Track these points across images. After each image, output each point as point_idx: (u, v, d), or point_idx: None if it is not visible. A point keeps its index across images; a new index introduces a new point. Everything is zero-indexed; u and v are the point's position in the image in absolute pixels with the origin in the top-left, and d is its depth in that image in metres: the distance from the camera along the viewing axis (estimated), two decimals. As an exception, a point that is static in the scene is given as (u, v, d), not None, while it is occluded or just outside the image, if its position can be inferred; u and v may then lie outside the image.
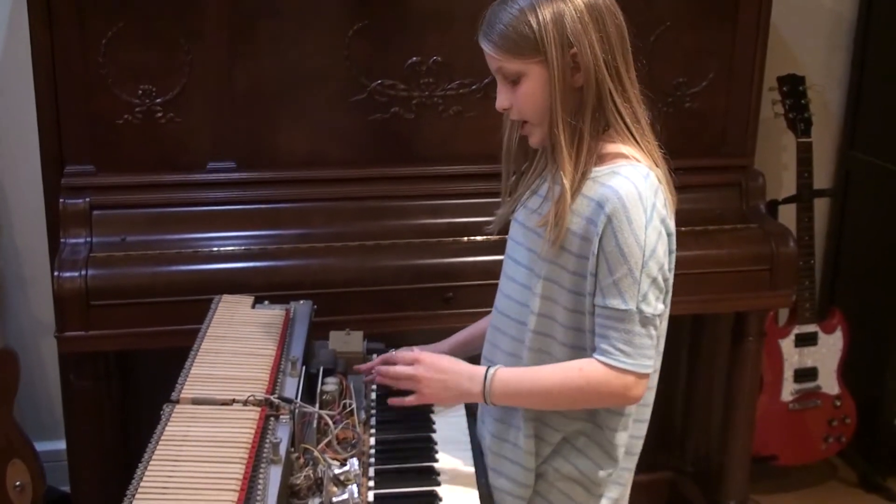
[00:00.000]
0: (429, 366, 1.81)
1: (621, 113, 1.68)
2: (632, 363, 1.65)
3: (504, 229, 1.91)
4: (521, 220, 1.83)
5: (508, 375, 1.75)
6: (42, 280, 2.83)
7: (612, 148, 1.70)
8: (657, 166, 1.71)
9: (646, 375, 1.69)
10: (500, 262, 1.89)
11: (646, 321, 1.65)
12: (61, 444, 2.70)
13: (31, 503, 2.76)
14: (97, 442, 2.54)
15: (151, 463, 1.48)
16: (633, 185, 1.64)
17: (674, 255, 1.72)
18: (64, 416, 2.68)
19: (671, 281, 1.73)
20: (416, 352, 1.86)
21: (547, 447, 1.80)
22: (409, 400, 1.83)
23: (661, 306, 1.68)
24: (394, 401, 1.86)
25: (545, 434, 1.79)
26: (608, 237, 1.63)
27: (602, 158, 1.69)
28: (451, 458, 1.86)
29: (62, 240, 2.49)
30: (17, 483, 2.72)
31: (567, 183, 1.66)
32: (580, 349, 1.72)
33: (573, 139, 1.66)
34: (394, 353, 1.93)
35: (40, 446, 2.82)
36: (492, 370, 1.76)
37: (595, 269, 1.66)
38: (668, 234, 1.69)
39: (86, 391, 2.51)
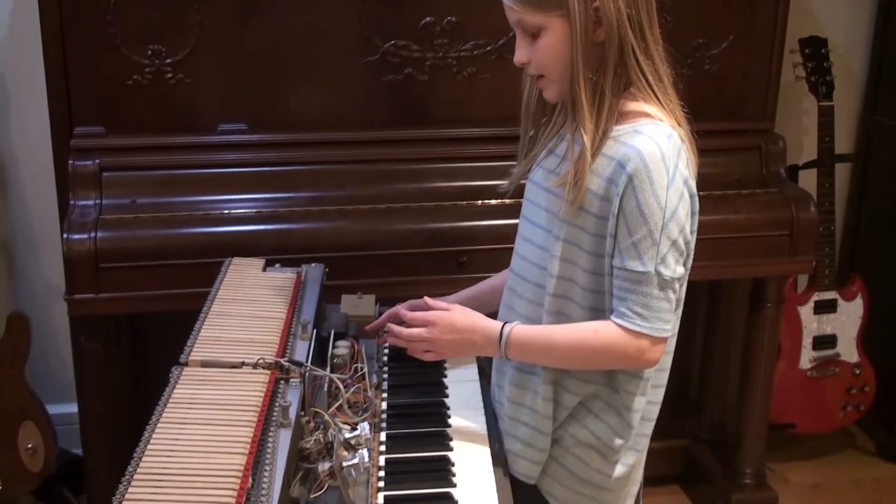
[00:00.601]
0: (443, 327, 1.79)
1: (644, 70, 1.64)
2: (648, 326, 1.63)
3: (518, 192, 1.88)
4: (537, 180, 1.79)
5: (524, 334, 1.74)
6: (53, 243, 2.83)
7: (633, 106, 1.66)
8: (680, 126, 1.67)
9: (662, 339, 1.66)
10: (516, 225, 1.86)
11: (664, 284, 1.62)
12: (73, 407, 2.70)
13: (43, 465, 2.78)
14: (108, 404, 2.54)
15: (159, 426, 1.46)
16: (656, 145, 1.60)
17: (696, 218, 1.69)
18: (75, 378, 2.69)
19: (693, 244, 1.69)
20: (430, 314, 1.83)
21: (564, 411, 1.78)
22: (427, 356, 1.84)
23: (680, 269, 1.64)
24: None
25: (562, 398, 1.77)
26: (628, 197, 1.60)
27: (623, 117, 1.65)
28: (464, 423, 1.84)
29: (71, 202, 2.48)
30: (29, 445, 2.74)
31: (587, 141, 1.62)
32: (600, 312, 1.70)
33: (594, 96, 1.63)
34: (400, 309, 1.92)
35: (52, 409, 2.83)
36: (507, 328, 1.74)
37: (615, 231, 1.63)
38: (691, 196, 1.66)
39: (96, 354, 2.51)
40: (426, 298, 1.92)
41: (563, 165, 1.70)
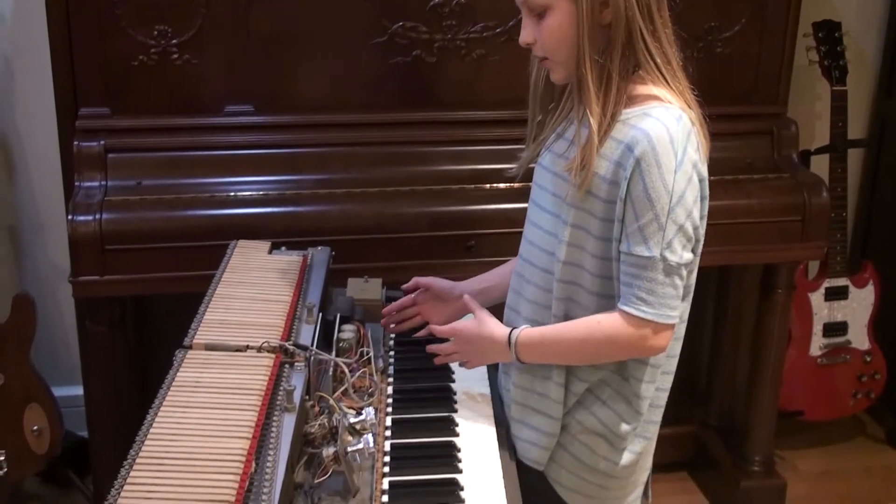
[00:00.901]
0: (461, 340, 1.83)
1: (652, 53, 1.62)
2: (653, 313, 1.61)
3: (527, 176, 1.86)
4: (546, 164, 1.78)
5: (531, 337, 1.73)
6: (58, 225, 2.82)
7: (642, 89, 1.64)
8: (690, 108, 1.65)
9: (668, 326, 1.64)
10: (524, 210, 1.84)
11: (670, 270, 1.60)
12: (79, 390, 2.69)
13: (48, 447, 2.78)
14: (113, 387, 2.54)
15: (162, 409, 1.46)
16: (665, 128, 1.58)
17: (706, 203, 1.67)
18: (81, 361, 2.68)
19: (702, 230, 1.68)
20: (448, 328, 1.84)
21: (572, 397, 1.76)
22: (469, 366, 1.88)
23: (687, 255, 1.63)
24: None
25: (572, 384, 1.75)
26: (636, 181, 1.58)
27: (632, 100, 1.63)
28: (471, 408, 1.83)
29: (76, 183, 2.47)
30: (35, 427, 2.75)
31: (594, 125, 1.60)
32: (608, 297, 1.68)
33: (601, 79, 1.60)
34: (412, 299, 1.94)
35: (58, 391, 2.82)
36: (514, 334, 1.74)
37: (622, 215, 1.61)
38: (700, 180, 1.64)
39: (101, 336, 2.50)
40: (427, 279, 1.94)
41: (571, 149, 1.68)
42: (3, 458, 2.72)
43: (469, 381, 1.92)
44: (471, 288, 1.97)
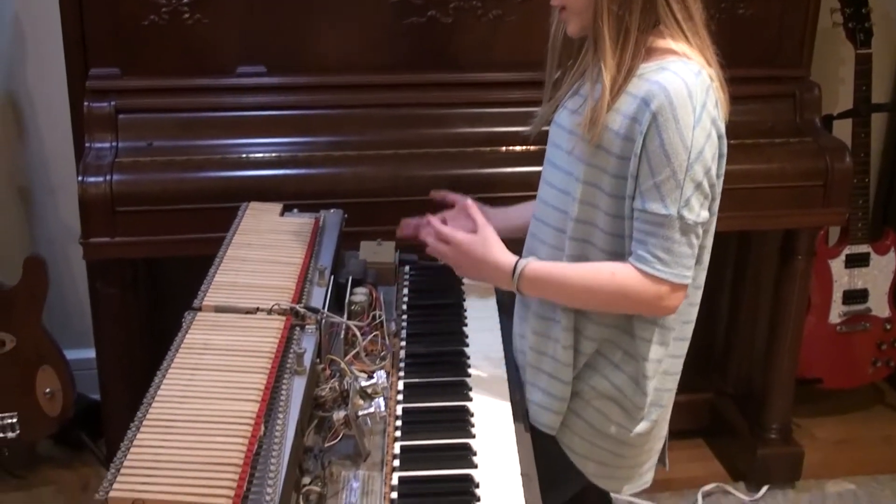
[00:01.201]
0: (463, 252, 1.79)
1: (672, 7, 1.59)
2: (668, 272, 1.58)
3: (544, 138, 1.83)
4: (560, 121, 1.75)
5: (538, 270, 1.71)
6: (70, 186, 2.78)
7: (661, 44, 1.61)
8: (709, 66, 1.61)
9: (681, 286, 1.62)
10: (540, 173, 1.83)
11: (686, 228, 1.57)
12: (91, 352, 2.68)
13: (61, 410, 2.80)
14: (125, 350, 2.54)
15: (170, 371, 1.45)
16: (683, 82, 1.55)
17: (724, 161, 1.64)
18: (93, 323, 2.67)
19: (719, 187, 1.65)
20: (455, 236, 1.81)
21: (582, 358, 1.75)
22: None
23: (704, 214, 1.60)
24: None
25: (581, 344, 1.74)
26: (652, 136, 1.55)
27: (650, 54, 1.60)
28: (484, 372, 1.82)
29: (87, 144, 2.45)
30: (48, 390, 2.77)
31: (608, 78, 1.57)
32: (620, 256, 1.66)
33: (618, 32, 1.57)
34: (432, 219, 1.94)
35: (70, 354, 2.84)
36: (522, 263, 1.71)
37: (636, 171, 1.58)
38: (719, 137, 1.61)
39: (112, 299, 2.50)
40: (468, 202, 1.93)
41: (586, 105, 1.65)
42: (15, 420, 2.74)
43: (483, 345, 1.90)
44: (496, 216, 1.97)
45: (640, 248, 1.60)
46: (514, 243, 1.86)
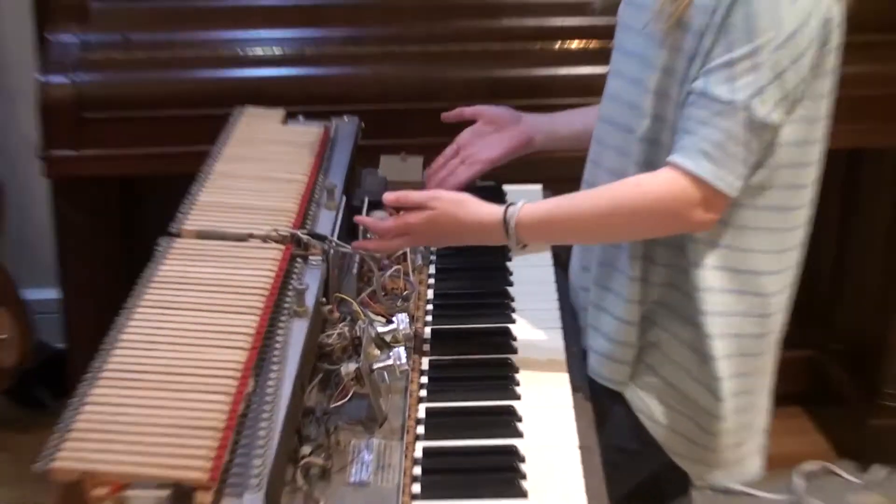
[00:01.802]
0: (430, 230, 1.68)
1: None
2: (712, 172, 1.51)
3: (608, 33, 1.79)
4: (632, -3, 1.72)
5: (534, 214, 1.63)
6: (31, 91, 2.78)
7: None
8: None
9: (724, 197, 1.54)
10: (602, 77, 1.80)
11: (752, 125, 1.50)
12: (54, 293, 2.71)
13: (16, 359, 2.81)
14: (94, 289, 2.56)
15: (138, 311, 1.43)
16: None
17: (834, 56, 1.57)
18: (57, 258, 2.69)
19: (828, 85, 1.59)
20: (403, 219, 1.70)
21: (654, 290, 1.69)
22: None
23: (777, 116, 1.52)
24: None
25: (651, 273, 1.68)
26: (739, 4, 1.48)
27: None
28: (533, 318, 1.79)
29: (48, 35, 2.46)
30: (2, 336, 2.77)
31: None
32: None
33: None
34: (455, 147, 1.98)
35: (29, 293, 2.88)
36: (512, 210, 1.63)
37: (710, 47, 1.52)
38: (826, 21, 1.53)
39: (80, 228, 2.55)
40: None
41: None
42: (-39, 371, 2.75)
43: (532, 284, 1.89)
44: (539, 123, 1.99)
45: (685, 139, 1.54)
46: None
